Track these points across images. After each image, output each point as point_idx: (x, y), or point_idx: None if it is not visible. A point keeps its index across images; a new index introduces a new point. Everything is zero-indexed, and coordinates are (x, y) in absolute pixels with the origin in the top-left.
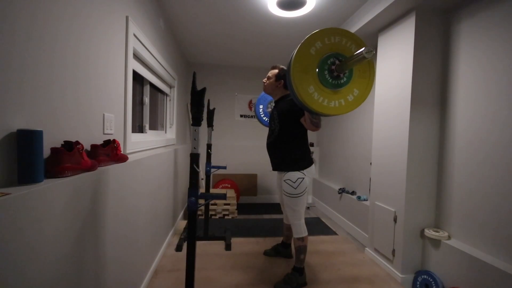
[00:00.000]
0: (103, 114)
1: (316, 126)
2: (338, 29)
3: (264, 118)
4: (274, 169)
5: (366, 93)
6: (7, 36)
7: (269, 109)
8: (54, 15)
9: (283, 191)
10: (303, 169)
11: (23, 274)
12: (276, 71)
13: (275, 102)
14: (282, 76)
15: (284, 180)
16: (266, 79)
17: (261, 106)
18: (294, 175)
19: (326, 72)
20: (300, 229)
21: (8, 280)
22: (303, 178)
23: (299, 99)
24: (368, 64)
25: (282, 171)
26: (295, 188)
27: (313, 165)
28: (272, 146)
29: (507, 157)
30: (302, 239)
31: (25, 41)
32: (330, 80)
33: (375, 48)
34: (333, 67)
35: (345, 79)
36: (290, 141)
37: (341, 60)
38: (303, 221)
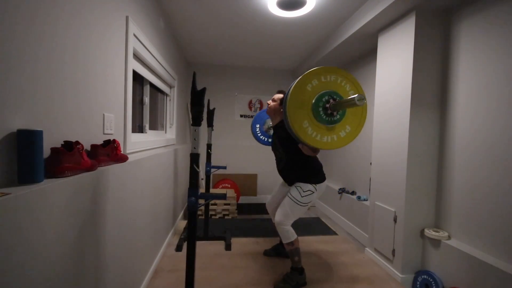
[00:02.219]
0: (103, 114)
1: (314, 151)
2: (334, 68)
3: (262, 137)
4: (290, 185)
5: (358, 130)
6: (6, 36)
7: (266, 128)
8: (55, 14)
9: (288, 193)
10: (315, 184)
11: (23, 274)
12: (281, 95)
13: (274, 128)
14: None
15: (295, 186)
16: (271, 100)
17: (257, 125)
18: (306, 186)
19: (320, 109)
20: (287, 235)
21: (8, 280)
22: (313, 192)
23: (293, 132)
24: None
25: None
26: (302, 197)
27: (325, 181)
28: (285, 172)
29: (507, 157)
30: (292, 243)
31: (24, 40)
32: (324, 117)
33: (375, 48)
34: (327, 105)
35: (338, 116)
36: (301, 163)
37: (336, 99)
38: (289, 226)
